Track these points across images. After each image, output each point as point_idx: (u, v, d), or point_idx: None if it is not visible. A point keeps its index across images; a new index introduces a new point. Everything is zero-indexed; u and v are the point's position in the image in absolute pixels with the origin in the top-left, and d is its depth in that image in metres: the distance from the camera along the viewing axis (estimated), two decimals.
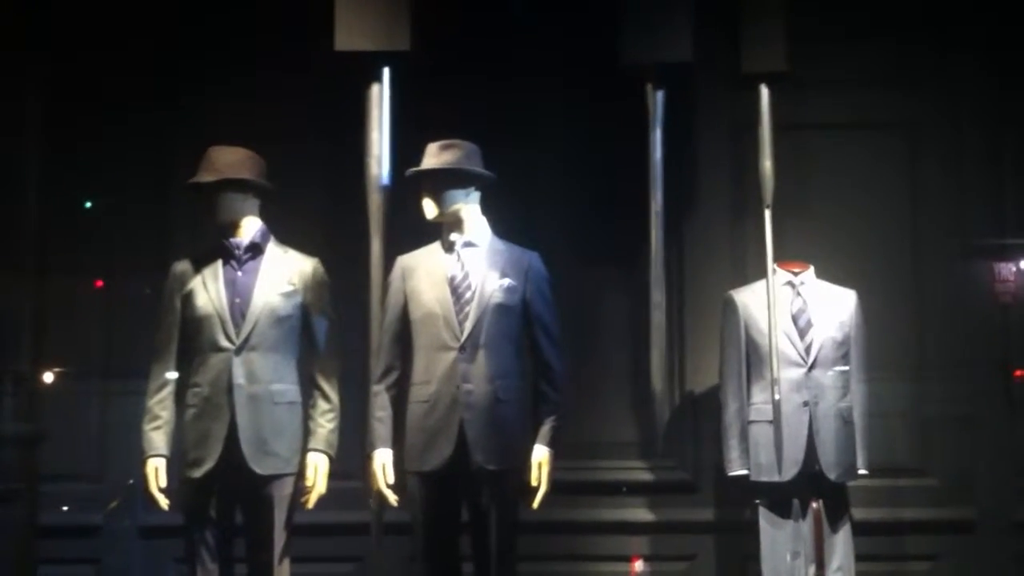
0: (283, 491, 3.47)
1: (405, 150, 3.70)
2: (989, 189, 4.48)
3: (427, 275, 3.54)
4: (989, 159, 4.49)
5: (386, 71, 3.87)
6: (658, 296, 3.92)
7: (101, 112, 4.45)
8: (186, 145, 3.77)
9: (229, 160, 3.54)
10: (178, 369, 3.53)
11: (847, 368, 3.90)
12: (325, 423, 3.54)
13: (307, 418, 3.55)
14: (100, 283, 4.52)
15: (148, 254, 4.29)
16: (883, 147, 4.52)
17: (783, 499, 3.81)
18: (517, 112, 4.35)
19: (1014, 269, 4.46)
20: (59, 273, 4.42)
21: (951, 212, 4.46)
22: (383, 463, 3.50)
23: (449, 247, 3.56)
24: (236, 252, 3.54)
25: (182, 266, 3.57)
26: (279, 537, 3.46)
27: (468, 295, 3.48)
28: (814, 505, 3.81)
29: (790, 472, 3.76)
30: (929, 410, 4.40)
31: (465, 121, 3.73)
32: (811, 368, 3.83)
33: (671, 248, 4.13)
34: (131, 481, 4.14)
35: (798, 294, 3.93)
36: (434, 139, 3.58)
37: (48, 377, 4.41)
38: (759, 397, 3.86)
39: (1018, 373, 4.43)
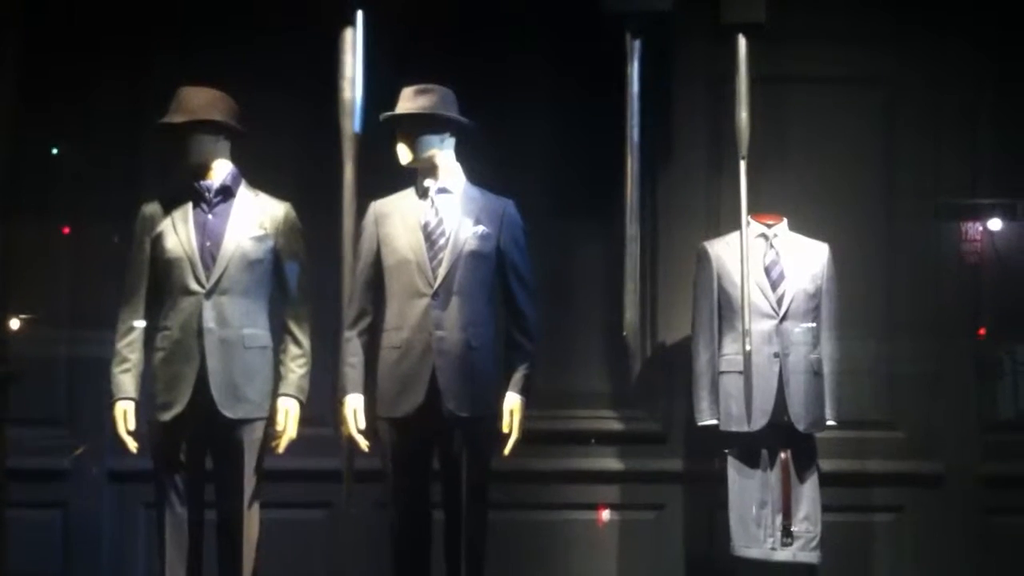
0: (253, 436, 3.46)
1: (379, 95, 3.66)
2: (963, 149, 4.49)
3: (401, 221, 3.52)
4: (964, 119, 4.49)
5: (360, 14, 3.81)
6: (633, 229, 3.90)
7: (69, 56, 4.36)
8: (156, 89, 3.71)
9: (200, 101, 3.49)
10: (147, 312, 3.51)
11: (817, 323, 3.92)
12: (296, 368, 3.53)
13: (278, 363, 3.54)
14: (65, 228, 4.45)
15: (117, 199, 4.23)
16: (859, 103, 4.51)
17: (752, 449, 3.84)
18: (494, 59, 4.30)
19: (982, 229, 4.47)
20: (26, 218, 4.35)
21: (924, 170, 4.47)
22: (354, 408, 3.50)
23: (423, 193, 3.54)
24: (207, 195, 3.50)
25: (151, 208, 3.53)
26: (249, 482, 3.46)
27: (442, 242, 3.47)
28: (782, 455, 3.83)
29: (759, 422, 3.79)
30: (897, 364, 4.43)
31: (441, 67, 3.68)
32: (782, 320, 3.85)
33: (645, 199, 4.12)
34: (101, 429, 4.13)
35: (771, 246, 3.94)
36: (409, 84, 3.55)
37: (15, 323, 4.36)
38: (730, 348, 3.88)
39: (982, 331, 4.47)
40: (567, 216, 4.36)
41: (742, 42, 3.92)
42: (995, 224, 4.42)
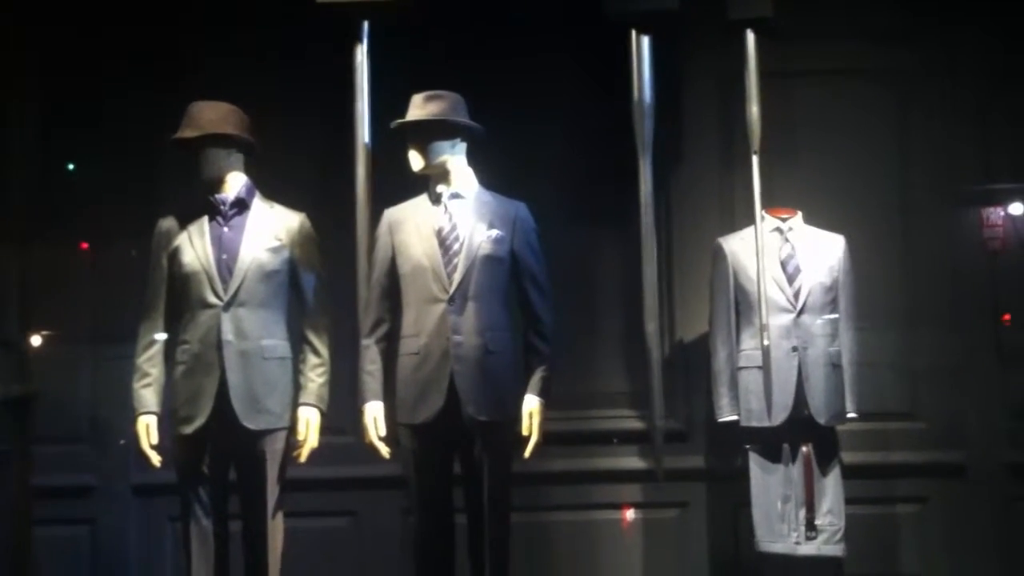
0: (275, 446, 3.48)
1: (389, 103, 3.67)
2: (976, 136, 4.47)
3: (415, 228, 3.53)
4: (976, 107, 4.48)
5: (366, 25, 3.83)
6: (648, 220, 3.88)
7: (84, 75, 4.40)
8: (170, 104, 3.72)
9: (212, 116, 3.52)
10: (167, 326, 3.53)
11: (836, 315, 3.90)
12: (315, 377, 3.54)
13: (297, 373, 3.55)
14: (85, 245, 4.49)
15: (134, 216, 4.25)
16: (871, 95, 4.50)
17: (773, 444, 3.83)
18: (501, 63, 4.31)
19: (1002, 215, 4.46)
20: (45, 237, 4.40)
21: (939, 159, 4.46)
22: (374, 416, 3.50)
23: (436, 199, 3.55)
24: (222, 208, 3.52)
25: (168, 223, 3.55)
26: (272, 492, 3.47)
27: (456, 247, 3.48)
28: (804, 449, 3.82)
29: (780, 417, 3.78)
30: (917, 354, 4.41)
31: (449, 73, 3.69)
32: (800, 314, 3.84)
33: (659, 196, 4.12)
34: (122, 442, 4.15)
35: (786, 240, 3.93)
36: (419, 91, 3.56)
37: (37, 340, 4.41)
38: (748, 343, 3.87)
39: (1006, 317, 4.44)
40: (581, 217, 4.36)
41: (751, 37, 3.91)
42: (1016, 209, 4.40)
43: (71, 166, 4.51)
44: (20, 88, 4.40)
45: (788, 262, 3.90)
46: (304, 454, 3.52)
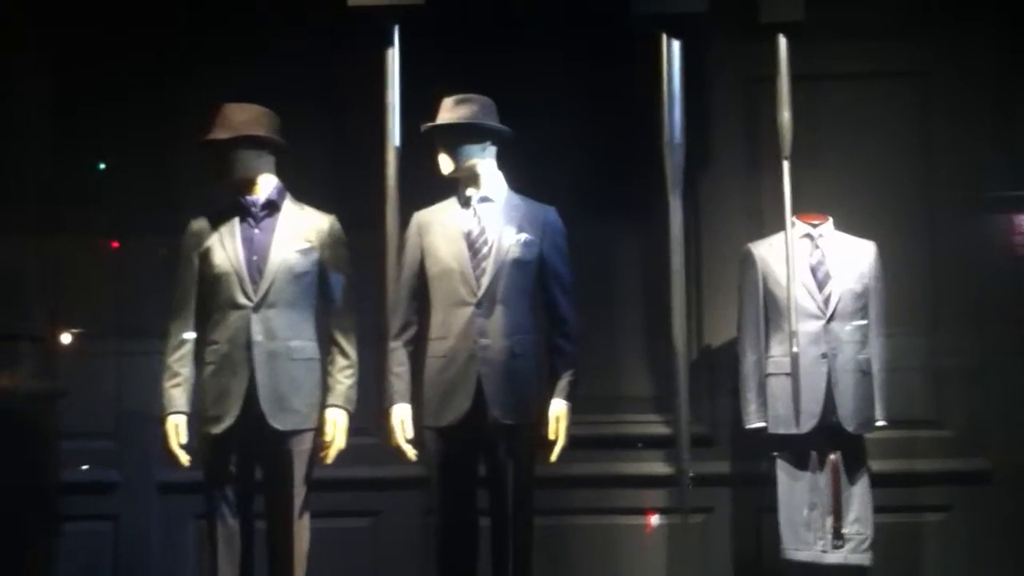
0: (302, 446, 3.49)
1: (419, 106, 3.67)
2: (1004, 140, 4.43)
3: (443, 231, 3.53)
4: (1003, 110, 4.44)
5: (396, 29, 3.82)
6: (677, 256, 3.86)
7: (110, 71, 4.41)
8: (197, 102, 3.73)
9: (243, 117, 3.53)
10: (196, 327, 3.54)
11: (865, 322, 3.88)
12: (343, 379, 3.55)
13: (325, 374, 3.56)
14: (116, 244, 4.50)
15: (160, 213, 4.27)
16: (896, 98, 4.47)
17: (801, 451, 3.81)
18: (530, 66, 4.30)
19: None
20: (72, 234, 4.41)
21: (967, 163, 4.42)
22: (401, 418, 3.50)
23: (465, 202, 3.55)
24: (252, 209, 3.53)
25: (199, 224, 3.56)
26: (298, 492, 3.48)
27: (485, 250, 3.48)
28: (832, 457, 3.80)
29: (808, 424, 3.77)
30: (944, 362, 4.38)
31: (478, 75, 3.69)
32: (829, 320, 3.82)
33: (687, 202, 4.09)
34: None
35: (817, 246, 3.91)
36: (449, 94, 3.56)
37: (64, 337, 4.43)
38: (777, 350, 3.86)
39: None
40: (607, 221, 4.35)
41: (783, 42, 3.88)
42: None
43: (95, 162, 4.52)
44: (43, 84, 4.40)
45: (818, 268, 3.88)
46: (331, 455, 3.53)
